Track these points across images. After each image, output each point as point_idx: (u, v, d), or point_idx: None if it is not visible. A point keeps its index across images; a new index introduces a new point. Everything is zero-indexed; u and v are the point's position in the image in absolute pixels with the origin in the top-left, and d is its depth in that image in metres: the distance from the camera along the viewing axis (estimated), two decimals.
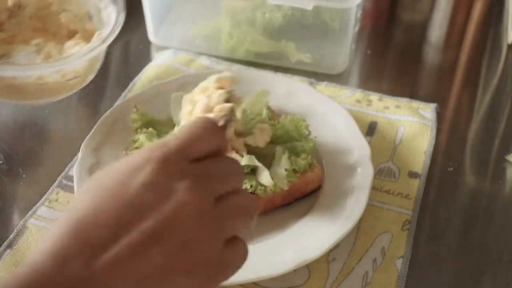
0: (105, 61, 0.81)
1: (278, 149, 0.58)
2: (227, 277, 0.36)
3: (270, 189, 0.55)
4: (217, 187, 0.36)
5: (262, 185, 0.55)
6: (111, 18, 0.66)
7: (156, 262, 0.32)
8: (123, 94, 0.75)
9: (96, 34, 0.65)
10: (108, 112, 0.66)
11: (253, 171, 0.56)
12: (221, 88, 0.58)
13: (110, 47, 0.84)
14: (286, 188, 0.56)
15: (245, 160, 0.55)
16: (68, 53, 0.65)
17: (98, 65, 0.68)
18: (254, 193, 0.55)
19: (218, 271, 0.35)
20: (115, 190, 0.33)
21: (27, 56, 0.68)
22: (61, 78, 0.63)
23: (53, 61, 0.60)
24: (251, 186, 0.55)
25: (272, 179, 0.55)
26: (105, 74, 0.80)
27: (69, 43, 0.68)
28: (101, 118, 0.65)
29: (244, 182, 0.43)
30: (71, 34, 0.70)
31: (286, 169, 0.56)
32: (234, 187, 0.38)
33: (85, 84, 0.66)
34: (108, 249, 0.31)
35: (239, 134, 0.58)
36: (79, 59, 0.61)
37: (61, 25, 0.70)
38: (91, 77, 0.67)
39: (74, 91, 0.65)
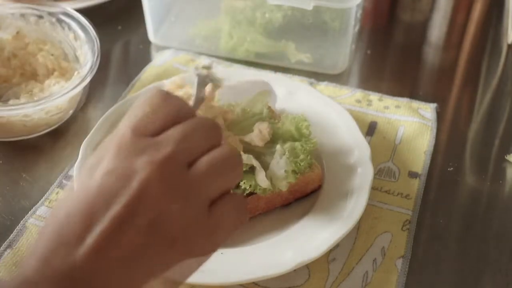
0: (105, 61, 0.81)
1: (278, 149, 0.58)
2: (218, 243, 0.35)
3: (269, 189, 0.55)
4: (184, 153, 0.34)
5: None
6: (87, 57, 0.70)
7: (134, 243, 0.32)
8: (123, 94, 0.75)
9: (75, 73, 0.69)
10: (108, 112, 0.66)
11: (252, 169, 0.56)
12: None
13: (110, 47, 0.84)
14: (284, 189, 0.55)
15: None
16: (49, 90, 0.69)
17: (78, 100, 0.72)
18: (253, 193, 0.55)
19: (204, 238, 0.34)
20: (83, 185, 0.33)
21: (11, 94, 0.71)
22: (45, 114, 0.67)
23: (38, 100, 0.64)
24: (250, 186, 0.55)
25: (272, 180, 0.55)
26: (105, 74, 0.80)
27: (48, 82, 0.71)
28: (101, 118, 0.65)
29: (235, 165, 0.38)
30: (49, 73, 0.73)
31: (285, 171, 0.55)
32: (209, 144, 0.35)
33: (67, 117, 0.70)
34: (84, 240, 0.31)
35: (233, 127, 0.58)
36: (62, 97, 0.65)
37: (39, 65, 0.74)
38: (72, 111, 0.71)
39: (57, 125, 0.69)
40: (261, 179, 0.54)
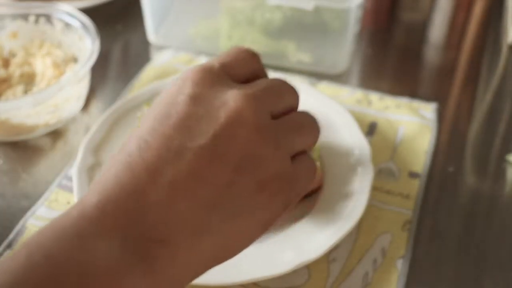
0: (105, 60, 0.81)
1: None
2: (301, 189, 0.34)
3: None
4: (270, 103, 0.33)
5: None
6: (86, 56, 0.69)
7: (219, 181, 0.30)
8: (122, 94, 0.75)
9: (73, 70, 0.69)
10: (108, 111, 0.66)
11: None
12: None
13: (110, 47, 0.84)
14: None
15: None
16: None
17: (78, 99, 0.71)
18: None
19: (290, 186, 0.33)
20: (161, 113, 0.31)
21: (10, 94, 0.71)
22: (45, 114, 0.67)
23: (34, 95, 0.64)
24: None
25: None
26: (104, 74, 0.80)
27: (48, 82, 0.71)
28: (101, 118, 0.65)
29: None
30: (48, 73, 0.72)
31: None
32: (288, 105, 0.36)
33: (67, 117, 0.70)
34: (163, 172, 0.29)
35: None
36: (61, 94, 0.65)
37: (38, 65, 0.73)
38: (71, 111, 0.70)
39: (58, 125, 0.69)
40: None
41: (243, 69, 0.35)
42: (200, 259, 0.31)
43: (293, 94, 0.37)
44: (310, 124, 0.37)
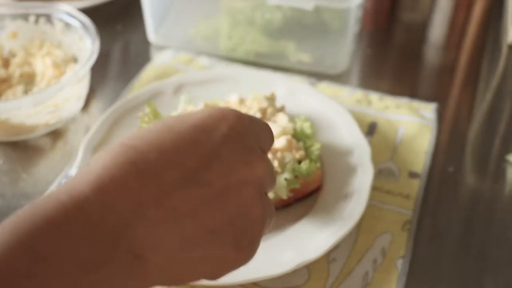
0: (105, 60, 0.81)
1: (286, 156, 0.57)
2: (263, 226, 0.36)
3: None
4: (268, 177, 0.36)
5: None
6: (86, 55, 0.69)
7: (210, 226, 0.32)
8: (123, 94, 0.75)
9: (73, 70, 0.69)
10: (108, 111, 0.66)
11: None
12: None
13: (110, 47, 0.84)
14: (285, 197, 0.55)
15: None
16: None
17: (78, 99, 0.71)
18: None
19: (258, 244, 0.36)
20: (194, 137, 0.33)
21: (10, 94, 0.72)
22: (45, 114, 0.67)
23: (35, 95, 0.64)
24: None
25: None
26: (105, 74, 0.80)
27: (48, 82, 0.71)
28: (101, 118, 0.65)
29: None
30: (48, 73, 0.72)
31: (286, 179, 0.55)
32: (270, 187, 0.38)
33: (67, 117, 0.70)
34: (172, 196, 0.30)
35: None
36: (60, 93, 0.65)
37: (38, 65, 0.73)
38: (71, 111, 0.70)
39: (58, 125, 0.69)
40: None
41: (265, 141, 0.38)
42: (162, 282, 0.32)
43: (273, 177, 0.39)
44: (274, 175, 0.39)
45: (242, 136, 0.34)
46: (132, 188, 0.30)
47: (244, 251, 0.34)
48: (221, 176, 0.32)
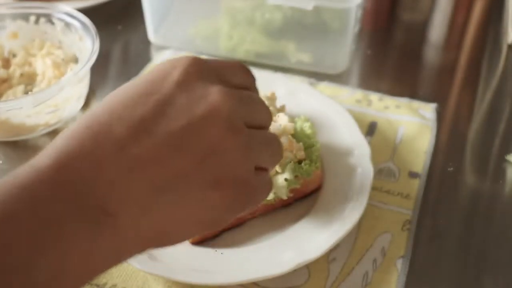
0: (105, 60, 0.81)
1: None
2: (254, 202, 0.35)
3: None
4: (247, 111, 0.35)
5: None
6: (87, 55, 0.68)
7: (178, 169, 0.31)
8: None
9: (73, 69, 0.69)
10: None
11: None
12: None
13: (110, 47, 0.84)
14: (285, 197, 0.55)
15: None
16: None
17: (78, 99, 0.71)
18: None
19: (247, 192, 0.34)
20: (144, 90, 0.32)
21: (11, 94, 0.72)
22: (45, 114, 0.67)
23: (34, 94, 0.64)
24: None
25: (273, 186, 0.55)
26: (105, 74, 0.80)
27: (48, 82, 0.71)
28: None
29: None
30: (49, 73, 0.72)
31: (286, 179, 0.55)
32: (263, 122, 0.37)
33: (67, 117, 0.70)
34: (127, 148, 0.30)
35: None
36: (61, 93, 0.65)
37: (39, 65, 0.73)
38: (71, 111, 0.70)
39: (58, 125, 0.70)
40: None
41: (233, 77, 0.36)
42: (141, 237, 0.32)
43: (269, 115, 0.38)
44: (278, 145, 0.38)
45: (197, 77, 0.33)
46: (89, 149, 0.30)
47: (228, 190, 0.33)
48: (178, 119, 0.31)
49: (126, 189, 0.30)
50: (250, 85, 0.38)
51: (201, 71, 0.34)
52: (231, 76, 0.36)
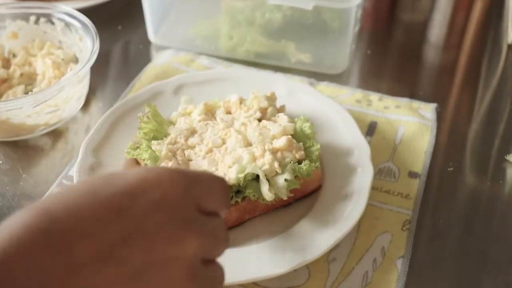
0: (105, 61, 0.81)
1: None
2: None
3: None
4: (207, 250, 0.34)
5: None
6: (87, 55, 0.68)
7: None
8: (123, 94, 0.75)
9: (73, 69, 0.69)
10: (108, 112, 0.66)
11: (257, 177, 0.55)
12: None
13: (110, 47, 0.84)
14: (285, 198, 0.55)
15: (248, 168, 0.54)
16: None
17: (78, 99, 0.71)
18: (256, 200, 0.55)
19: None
20: (118, 204, 0.30)
21: (11, 95, 0.72)
22: (45, 114, 0.66)
23: (34, 94, 0.63)
24: (254, 195, 0.54)
25: (273, 186, 0.55)
26: (105, 74, 0.80)
27: (48, 82, 0.72)
28: (101, 118, 0.65)
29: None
30: (49, 73, 0.72)
31: (286, 180, 0.55)
32: (217, 255, 0.35)
33: (67, 117, 0.70)
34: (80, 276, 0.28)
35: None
36: (61, 93, 0.65)
37: (39, 65, 0.73)
38: (71, 111, 0.70)
39: (58, 125, 0.69)
40: (265, 191, 0.54)
41: (209, 201, 0.34)
42: None
43: (225, 245, 0.36)
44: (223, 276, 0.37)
45: (174, 205, 0.31)
46: (38, 260, 0.27)
47: None
48: (141, 253, 0.29)
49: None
50: (222, 208, 0.36)
51: (180, 199, 0.32)
52: (212, 199, 0.34)
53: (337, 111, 0.68)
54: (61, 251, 0.28)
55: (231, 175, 0.54)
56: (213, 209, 0.35)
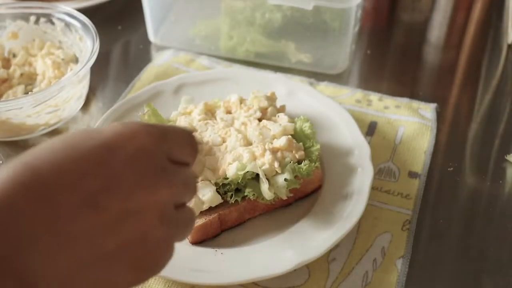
0: (105, 61, 0.81)
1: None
2: (169, 246, 0.35)
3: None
4: (178, 197, 0.36)
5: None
6: (86, 55, 0.68)
7: (107, 250, 0.31)
8: (123, 94, 0.75)
9: (73, 69, 0.69)
10: (108, 112, 0.66)
11: (257, 177, 0.55)
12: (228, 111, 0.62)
13: (110, 47, 0.84)
14: (284, 197, 0.55)
15: (248, 167, 0.54)
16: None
17: (78, 99, 0.71)
18: (256, 200, 0.55)
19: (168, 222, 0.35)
20: (99, 158, 0.32)
21: (11, 95, 0.72)
22: (45, 113, 0.67)
23: (34, 94, 0.63)
24: (254, 194, 0.54)
25: (273, 186, 0.55)
26: (105, 74, 0.80)
27: (48, 82, 0.72)
28: (101, 118, 0.65)
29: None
30: (49, 73, 0.72)
31: (286, 179, 0.55)
32: (186, 200, 0.38)
33: (67, 117, 0.70)
34: (64, 223, 0.29)
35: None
36: (60, 94, 0.66)
37: (39, 65, 0.73)
38: (71, 111, 0.71)
39: (58, 125, 0.70)
40: (265, 190, 0.54)
41: (179, 153, 0.37)
42: None
43: (194, 193, 0.39)
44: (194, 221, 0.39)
45: (149, 156, 0.34)
46: (24, 212, 0.28)
47: (144, 274, 0.34)
48: (119, 200, 0.31)
49: (54, 265, 0.29)
50: (190, 157, 0.38)
51: (155, 150, 0.34)
52: (180, 151, 0.37)
53: (337, 111, 0.68)
54: (45, 202, 0.29)
55: (230, 171, 0.54)
56: (182, 160, 0.37)
